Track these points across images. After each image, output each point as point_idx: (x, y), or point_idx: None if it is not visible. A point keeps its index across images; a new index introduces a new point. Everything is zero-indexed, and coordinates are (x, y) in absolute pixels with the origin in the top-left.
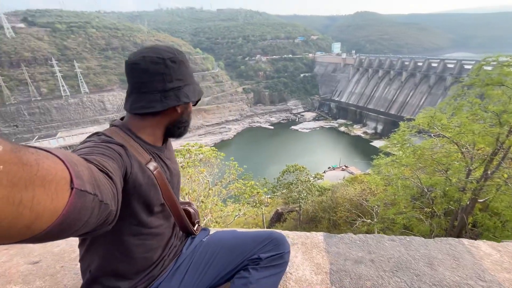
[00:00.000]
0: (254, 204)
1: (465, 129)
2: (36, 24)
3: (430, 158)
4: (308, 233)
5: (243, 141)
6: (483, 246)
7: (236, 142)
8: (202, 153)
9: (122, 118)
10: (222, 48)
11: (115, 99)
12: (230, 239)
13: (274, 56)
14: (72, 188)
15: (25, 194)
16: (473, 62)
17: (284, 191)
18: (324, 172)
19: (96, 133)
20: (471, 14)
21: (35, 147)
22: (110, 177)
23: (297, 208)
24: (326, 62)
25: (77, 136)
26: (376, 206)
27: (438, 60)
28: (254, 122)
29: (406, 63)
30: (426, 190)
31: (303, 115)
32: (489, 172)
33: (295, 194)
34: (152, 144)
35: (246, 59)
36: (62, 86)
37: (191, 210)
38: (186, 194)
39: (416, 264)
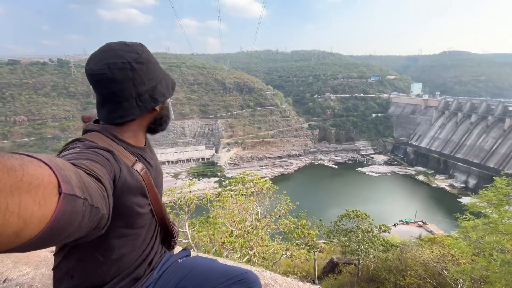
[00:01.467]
0: (305, 246)
1: None
2: None
3: None
4: (301, 283)
5: (304, 177)
6: None
7: (296, 177)
8: (256, 183)
9: (96, 121)
10: (292, 85)
11: (193, 126)
12: (202, 265)
13: (344, 95)
14: (60, 193)
15: (11, 200)
16: None
17: (343, 238)
18: (394, 225)
19: (78, 139)
20: None
21: (19, 153)
22: (100, 181)
23: (355, 261)
24: (404, 103)
25: (159, 155)
26: (461, 280)
27: None
28: (317, 159)
29: (510, 108)
30: None
31: (372, 157)
32: None
33: (354, 244)
34: (136, 146)
35: (315, 96)
36: None
37: (174, 228)
38: (234, 222)
39: None
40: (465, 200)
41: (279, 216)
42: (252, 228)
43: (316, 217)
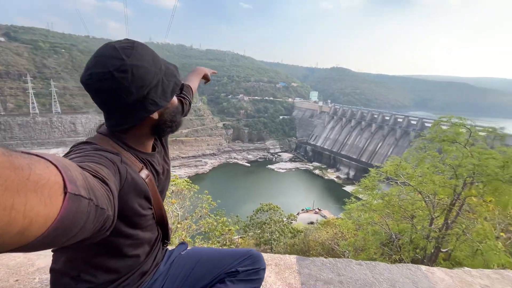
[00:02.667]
0: (224, 243)
1: (427, 179)
2: (18, 40)
3: (397, 204)
4: (282, 255)
5: (219, 176)
6: (438, 272)
7: (211, 177)
8: (175, 184)
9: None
10: (207, 85)
11: (89, 122)
12: (208, 252)
13: (256, 97)
14: (65, 193)
15: (17, 199)
16: (432, 121)
17: (257, 231)
18: (298, 214)
19: (85, 142)
20: (428, 80)
21: (28, 152)
22: (105, 183)
23: (268, 250)
24: (304, 107)
25: None
26: (347, 251)
27: (403, 117)
28: (231, 158)
29: (375, 116)
30: (394, 237)
31: (280, 155)
32: (449, 222)
33: (268, 234)
34: (143, 151)
35: (229, 97)
36: (32, 103)
37: (170, 229)
38: None
39: (380, 286)
40: (348, 188)
41: (200, 216)
42: (172, 231)
43: (233, 214)
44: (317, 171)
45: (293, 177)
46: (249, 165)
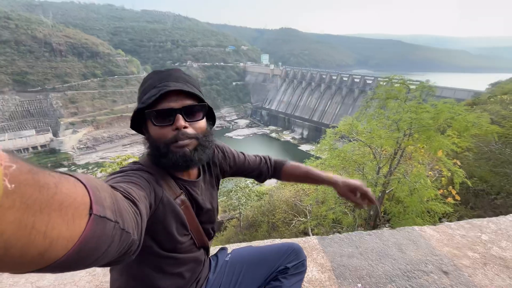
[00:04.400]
0: None
1: (374, 134)
2: None
3: (350, 159)
4: (304, 238)
5: None
6: (427, 230)
7: None
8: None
9: None
10: (148, 51)
11: (7, 104)
12: (253, 255)
13: (206, 63)
14: (90, 214)
15: (39, 218)
16: (372, 78)
17: (223, 198)
18: None
19: (134, 162)
20: (370, 39)
21: (59, 172)
22: (136, 205)
23: (237, 215)
24: (257, 72)
25: None
26: (309, 205)
27: (348, 75)
28: None
29: (324, 76)
30: None
31: (236, 123)
32: (392, 169)
33: (235, 201)
34: (183, 178)
35: (176, 64)
36: None
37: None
38: None
39: (390, 250)
40: (303, 147)
41: None
42: None
43: None
44: (273, 134)
45: (251, 143)
46: None
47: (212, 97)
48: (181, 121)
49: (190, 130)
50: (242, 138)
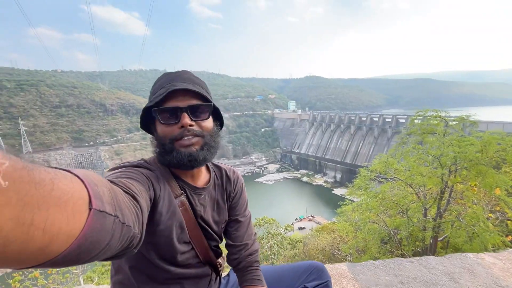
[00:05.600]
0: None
1: (414, 172)
2: None
3: (391, 200)
4: (331, 265)
5: None
6: (486, 257)
7: None
8: None
9: None
10: None
11: (64, 157)
12: (268, 274)
13: (236, 113)
14: (90, 209)
15: (37, 214)
16: (405, 116)
17: None
18: (292, 223)
19: (138, 161)
20: (397, 79)
21: (54, 167)
22: (135, 199)
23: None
24: (284, 118)
25: None
26: (349, 255)
27: (378, 116)
28: None
29: (352, 118)
30: (392, 233)
31: (266, 167)
32: (441, 210)
33: (267, 249)
34: (188, 181)
35: None
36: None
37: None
38: None
39: (440, 280)
40: (337, 191)
41: None
42: None
43: None
44: (305, 178)
45: (282, 187)
46: None
47: (242, 143)
48: (186, 119)
49: (196, 128)
50: (272, 183)
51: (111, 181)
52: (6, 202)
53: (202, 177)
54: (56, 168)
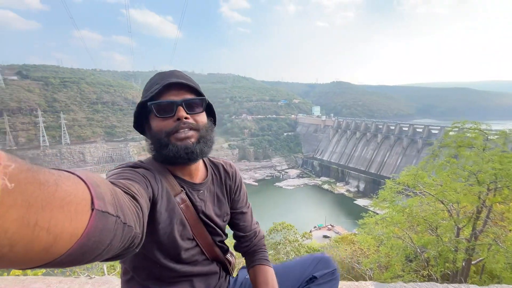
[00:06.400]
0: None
1: (447, 187)
2: (29, 78)
3: (419, 216)
4: (357, 283)
5: None
6: None
7: None
8: None
9: None
10: None
11: (97, 151)
12: (278, 271)
13: (259, 116)
14: (92, 210)
15: (41, 215)
16: (439, 127)
17: (271, 252)
18: (310, 231)
19: (134, 162)
20: (430, 88)
21: (57, 169)
22: (136, 199)
23: None
24: (308, 123)
25: None
26: (370, 270)
27: (408, 125)
28: None
29: (380, 126)
30: (419, 251)
31: (287, 172)
32: (477, 231)
33: (283, 256)
34: (185, 179)
35: (233, 117)
36: (43, 136)
37: (230, 259)
38: None
39: None
40: (360, 202)
41: None
42: None
43: None
44: (326, 186)
45: (302, 194)
46: (256, 184)
47: (263, 146)
48: (182, 112)
49: (191, 121)
50: (292, 188)
51: (111, 182)
52: (12, 204)
53: (200, 173)
54: (59, 169)
